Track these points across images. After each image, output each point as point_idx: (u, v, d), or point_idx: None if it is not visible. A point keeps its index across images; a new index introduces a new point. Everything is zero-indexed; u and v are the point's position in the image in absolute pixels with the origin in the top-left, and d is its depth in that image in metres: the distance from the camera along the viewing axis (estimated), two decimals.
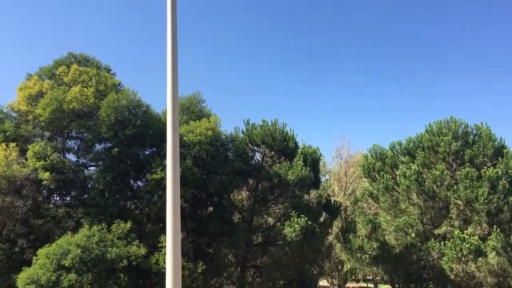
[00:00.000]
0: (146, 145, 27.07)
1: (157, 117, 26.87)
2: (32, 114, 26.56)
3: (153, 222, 25.11)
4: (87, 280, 20.28)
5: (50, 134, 27.42)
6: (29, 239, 24.99)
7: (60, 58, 29.21)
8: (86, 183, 26.80)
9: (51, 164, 24.14)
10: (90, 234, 21.96)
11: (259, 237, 31.81)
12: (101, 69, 29.63)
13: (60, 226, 25.34)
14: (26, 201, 24.82)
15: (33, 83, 27.01)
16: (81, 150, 28.37)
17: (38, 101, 26.12)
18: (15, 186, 24.60)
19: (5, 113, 27.64)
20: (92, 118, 26.88)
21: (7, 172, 23.88)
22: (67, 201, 27.53)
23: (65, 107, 25.20)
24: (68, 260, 20.45)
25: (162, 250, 22.34)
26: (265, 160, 29.40)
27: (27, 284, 20.22)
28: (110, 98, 25.33)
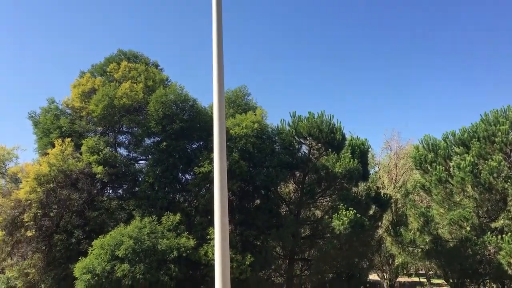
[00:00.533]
0: (193, 139, 27.47)
1: (204, 111, 27.16)
2: (85, 110, 27.55)
3: (201, 214, 25.49)
4: (140, 271, 20.89)
5: (102, 129, 28.37)
6: (84, 230, 26.00)
7: (110, 56, 30.14)
8: (136, 177, 27.57)
9: (103, 158, 24.97)
10: (142, 225, 22.59)
11: (307, 230, 31.59)
12: (149, 65, 30.27)
13: (113, 217, 26.21)
14: (81, 194, 25.86)
15: (86, 80, 28.00)
16: (132, 144, 29.18)
17: (91, 97, 27.07)
18: (71, 179, 25.68)
19: (61, 110, 28.85)
20: (141, 113, 27.53)
21: (64, 166, 24.96)
22: (119, 194, 28.45)
23: (116, 103, 25.94)
24: (121, 250, 21.15)
25: (210, 242, 22.63)
26: (312, 153, 29.08)
27: (83, 274, 21.10)
28: (158, 93, 25.84)
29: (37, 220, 24.74)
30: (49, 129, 27.81)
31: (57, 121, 27.78)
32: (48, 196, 24.79)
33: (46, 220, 25.12)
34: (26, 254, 25.53)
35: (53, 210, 25.58)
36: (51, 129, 27.72)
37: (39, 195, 24.23)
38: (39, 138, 28.71)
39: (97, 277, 20.88)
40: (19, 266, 25.24)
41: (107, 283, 21.10)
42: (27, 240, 25.02)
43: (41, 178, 24.35)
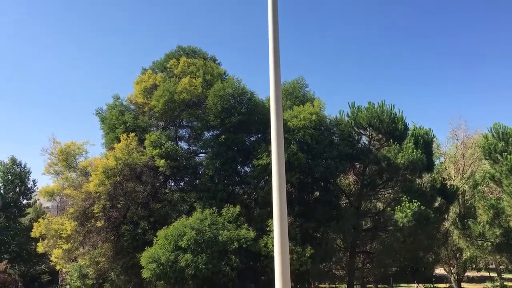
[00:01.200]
0: (251, 132, 27.65)
1: (261, 104, 27.23)
2: (147, 105, 28.50)
3: (261, 206, 25.65)
4: (202, 261, 21.41)
5: (164, 123, 29.25)
6: (149, 221, 27.01)
7: (170, 52, 30.95)
8: (197, 169, 28.20)
9: (166, 151, 25.74)
10: (203, 217, 23.11)
11: (368, 222, 30.94)
12: (207, 60, 30.77)
13: (176, 209, 27.03)
14: (145, 186, 26.87)
15: (148, 76, 28.94)
16: (192, 138, 29.87)
17: (152, 93, 27.95)
18: (136, 172, 26.73)
19: (125, 106, 30.05)
20: (200, 107, 28.07)
21: (129, 160, 26.00)
22: (181, 186, 29.27)
23: (176, 98, 26.61)
24: (184, 241, 21.77)
25: (270, 234, 22.75)
26: (372, 144, 28.36)
27: (149, 263, 21.96)
28: (216, 87, 26.21)
29: (105, 211, 26.02)
30: (114, 125, 29.04)
31: (122, 116, 28.95)
32: (115, 188, 25.96)
33: (114, 211, 26.34)
34: (96, 244, 26.93)
35: (120, 202, 26.79)
36: (117, 125, 28.94)
37: (107, 188, 25.41)
38: (106, 134, 30.08)
39: (162, 266, 21.67)
40: (90, 255, 26.65)
41: (172, 272, 21.84)
42: (97, 230, 26.38)
43: (108, 171, 25.49)
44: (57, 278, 47.58)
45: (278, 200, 6.83)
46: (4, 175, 49.85)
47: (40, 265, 47.62)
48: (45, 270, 48.01)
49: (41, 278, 48.71)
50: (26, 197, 51.16)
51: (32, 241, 45.35)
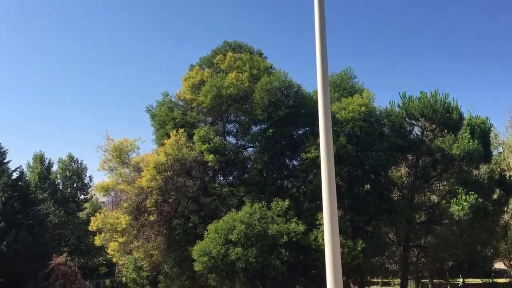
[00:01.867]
0: (299, 125, 27.47)
1: (309, 96, 26.97)
2: (195, 101, 28.92)
3: (310, 200, 25.47)
4: (252, 254, 21.55)
5: (211, 119, 29.60)
6: (200, 215, 27.46)
7: (217, 47, 31.23)
8: (245, 164, 28.36)
9: (214, 146, 26.04)
10: (252, 211, 23.23)
11: (422, 216, 29.99)
12: (253, 54, 30.79)
13: (225, 203, 27.33)
14: (195, 181, 27.31)
15: (195, 72, 29.35)
16: (239, 132, 30.06)
17: (200, 89, 28.32)
18: (186, 167, 27.22)
19: (174, 102, 30.66)
20: (247, 102, 28.15)
21: (179, 155, 26.51)
22: (230, 181, 29.55)
23: (224, 93, 26.82)
24: (234, 235, 21.99)
25: (320, 228, 22.55)
26: (425, 134, 27.41)
27: (200, 256, 22.38)
28: (263, 81, 26.18)
29: (158, 205, 26.70)
30: (164, 121, 29.68)
31: (171, 113, 29.54)
32: (166, 183, 26.57)
33: (166, 205, 26.98)
34: (150, 237, 27.74)
35: (171, 197, 27.39)
36: (166, 121, 29.55)
37: (159, 183, 26.05)
38: (156, 130, 30.80)
39: (213, 259, 22.01)
40: (144, 248, 27.48)
41: (223, 265, 22.15)
42: (150, 224, 27.15)
43: (159, 167, 26.12)
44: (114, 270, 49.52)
45: (327, 194, 6.72)
46: (63, 172, 52.35)
47: (98, 257, 49.75)
48: (102, 262, 50.13)
49: (99, 270, 50.88)
50: (83, 192, 53.54)
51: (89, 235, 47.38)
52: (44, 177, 49.20)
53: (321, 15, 7.38)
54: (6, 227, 26.97)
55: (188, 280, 26.83)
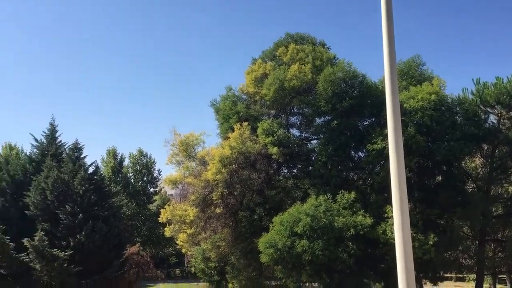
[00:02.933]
0: (364, 116, 26.83)
1: (374, 86, 26.22)
2: (259, 94, 29.07)
3: (377, 192, 24.84)
4: (318, 247, 21.38)
5: (275, 111, 29.63)
6: (265, 207, 27.66)
7: (279, 40, 31.12)
8: (309, 156, 28.17)
9: (278, 139, 26.06)
10: (317, 203, 23.02)
11: (499, 208, 28.29)
12: (316, 45, 30.38)
13: (290, 196, 27.33)
14: (259, 174, 27.51)
15: (258, 66, 29.48)
16: (303, 124, 29.87)
17: (263, 82, 28.41)
18: (250, 160, 27.48)
19: (237, 96, 31.01)
20: (310, 93, 27.89)
21: (243, 149, 26.81)
22: (294, 173, 29.49)
23: (286, 85, 26.72)
24: (299, 227, 21.92)
25: (388, 221, 21.94)
26: (502, 122, 25.74)
27: (266, 248, 22.54)
28: (326, 72, 25.79)
29: (223, 198, 27.20)
30: (228, 115, 30.11)
31: (235, 107, 29.90)
32: (231, 176, 26.97)
33: (231, 198, 27.44)
34: (216, 229, 28.34)
35: (237, 189, 27.78)
36: (230, 115, 29.97)
37: (224, 176, 26.49)
38: (221, 124, 31.33)
39: (279, 251, 22.10)
40: (212, 240, 28.14)
41: (289, 257, 22.19)
42: (216, 216, 27.73)
43: (224, 160, 26.55)
44: (183, 260, 51.25)
45: (397, 186, 6.46)
46: (133, 166, 54.82)
47: (168, 248, 51.67)
48: (172, 252, 52.01)
49: (169, 260, 52.86)
50: (152, 185, 55.76)
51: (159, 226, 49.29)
52: (116, 171, 51.78)
53: (388, 1, 7.09)
54: (84, 218, 28.58)
55: (254, 272, 27.18)
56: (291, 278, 24.10)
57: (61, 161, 31.76)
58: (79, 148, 33.23)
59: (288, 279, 24.23)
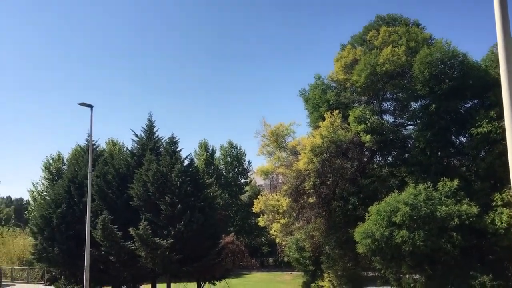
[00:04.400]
0: (466, 98, 25.06)
1: (476, 66, 24.37)
2: (349, 81, 28.35)
3: (483, 179, 23.15)
4: (419, 237, 20.44)
5: (366, 98, 28.73)
6: (359, 197, 26.99)
7: (369, 24, 30.03)
8: (405, 143, 26.98)
9: (371, 126, 25.26)
10: (416, 192, 21.98)
11: None
12: (409, 26, 28.88)
13: (385, 185, 26.38)
14: (352, 162, 26.89)
15: (347, 52, 28.70)
16: (397, 110, 28.62)
17: (353, 68, 27.62)
18: (342, 149, 26.93)
19: (327, 84, 30.49)
20: (405, 77, 26.64)
21: (334, 137, 26.34)
22: (389, 161, 28.41)
23: (378, 70, 25.75)
24: (398, 217, 21.09)
25: (497, 210, 20.39)
26: None
27: (363, 238, 21.99)
28: (422, 54, 24.47)
29: (316, 188, 26.97)
30: (318, 104, 29.73)
31: (324, 95, 29.44)
32: (323, 165, 26.64)
33: (324, 188, 27.12)
34: (309, 219, 28.24)
35: (329, 179, 27.40)
36: (320, 103, 29.57)
37: (316, 165, 26.25)
38: (310, 113, 31.05)
39: (376, 242, 21.46)
40: (305, 229, 28.09)
41: (387, 248, 21.47)
42: (309, 206, 27.61)
43: (316, 149, 26.28)
44: (275, 249, 51.95)
45: None
46: (224, 158, 56.45)
47: (260, 237, 52.68)
48: (264, 242, 52.95)
49: (262, 249, 53.87)
50: (243, 176, 57.05)
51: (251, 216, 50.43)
52: (209, 163, 53.68)
53: None
54: (182, 208, 29.82)
55: (350, 262, 26.72)
56: (390, 270, 23.32)
57: (159, 155, 33.37)
58: (175, 142, 34.67)
59: (387, 270, 23.48)
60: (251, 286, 39.38)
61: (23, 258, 39.93)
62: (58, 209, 32.02)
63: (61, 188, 33.84)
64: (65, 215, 31.87)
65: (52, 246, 31.69)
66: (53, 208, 32.55)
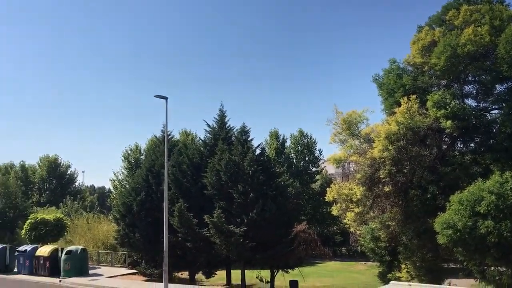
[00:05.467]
0: None
1: None
2: (427, 65, 27.04)
3: None
4: (506, 228, 19.11)
5: (446, 81, 27.27)
6: (438, 185, 25.76)
7: (448, 3, 28.41)
8: (490, 128, 25.37)
9: (451, 111, 23.98)
10: (503, 180, 20.51)
11: None
12: (493, 3, 26.94)
13: (468, 173, 24.96)
14: (431, 149, 25.73)
15: (425, 34, 27.36)
16: (480, 93, 26.94)
17: (431, 51, 26.31)
18: (419, 136, 25.84)
19: (402, 68, 29.29)
20: (489, 58, 25.01)
21: (411, 124, 25.31)
22: (472, 148, 26.88)
23: (459, 52, 24.32)
24: (482, 206, 19.84)
25: None
26: None
27: (444, 229, 20.92)
28: (508, 32, 22.82)
29: (391, 176, 26.10)
30: (393, 89, 28.69)
31: (400, 80, 28.34)
32: (399, 153, 25.70)
33: (400, 176, 26.18)
34: (385, 208, 27.42)
35: (406, 167, 26.39)
36: (395, 89, 28.51)
37: (391, 153, 25.38)
38: (384, 99, 30.03)
39: (459, 232, 20.32)
40: (380, 219, 27.35)
41: (470, 239, 20.28)
42: (385, 195, 26.81)
43: (391, 136, 25.41)
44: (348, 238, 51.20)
45: None
46: (295, 146, 56.34)
47: (332, 226, 52.16)
48: (336, 231, 52.37)
49: (334, 238, 53.34)
50: (314, 165, 56.66)
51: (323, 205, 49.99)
52: (279, 152, 53.83)
53: None
54: (254, 197, 30.20)
55: (430, 253, 25.67)
56: (474, 261, 22.06)
57: (231, 144, 33.96)
58: (246, 131, 35.08)
59: (470, 262, 22.23)
60: (325, 275, 39.20)
61: (107, 243, 42.42)
62: (138, 197, 33.68)
63: (140, 177, 35.55)
64: (144, 202, 33.46)
65: (133, 232, 33.43)
66: (133, 196, 34.29)
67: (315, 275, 37.76)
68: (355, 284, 33.82)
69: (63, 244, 43.08)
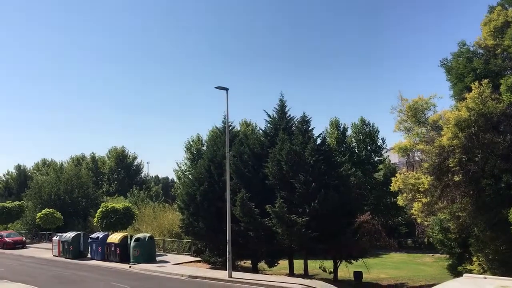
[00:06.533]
0: None
1: None
2: (499, 47, 25.38)
3: None
4: None
5: None
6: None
7: None
8: None
9: None
10: None
11: None
12: None
13: None
14: (505, 137, 24.23)
15: (497, 14, 25.64)
16: None
17: (505, 32, 24.67)
18: (492, 122, 24.38)
19: (473, 52, 27.72)
20: None
21: (483, 110, 23.91)
22: None
23: None
24: None
25: None
26: None
27: None
28: None
29: (462, 165, 24.84)
30: (462, 74, 27.25)
31: (470, 64, 26.86)
32: (470, 141, 24.41)
33: (471, 165, 24.86)
34: (455, 198, 26.19)
35: (477, 155, 25.04)
36: (465, 73, 27.07)
37: (461, 141, 24.15)
38: (453, 84, 28.61)
39: None
40: (450, 209, 26.19)
41: None
42: (454, 184, 25.57)
43: (461, 123, 24.14)
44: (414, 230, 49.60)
45: None
46: (356, 135, 55.15)
47: (397, 217, 50.70)
48: (401, 222, 50.87)
49: (399, 229, 51.86)
50: (377, 154, 55.20)
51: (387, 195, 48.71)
52: (340, 141, 52.95)
53: None
54: (316, 187, 29.93)
55: (504, 245, 24.29)
56: None
57: (291, 134, 33.81)
58: (306, 121, 34.78)
59: None
60: (390, 266, 38.27)
61: (173, 231, 43.84)
62: (201, 187, 34.43)
63: (202, 168, 36.29)
64: (207, 192, 34.15)
65: (197, 220, 34.28)
66: (196, 186, 35.10)
67: (379, 267, 36.97)
68: (422, 277, 32.75)
69: (132, 231, 45.06)
